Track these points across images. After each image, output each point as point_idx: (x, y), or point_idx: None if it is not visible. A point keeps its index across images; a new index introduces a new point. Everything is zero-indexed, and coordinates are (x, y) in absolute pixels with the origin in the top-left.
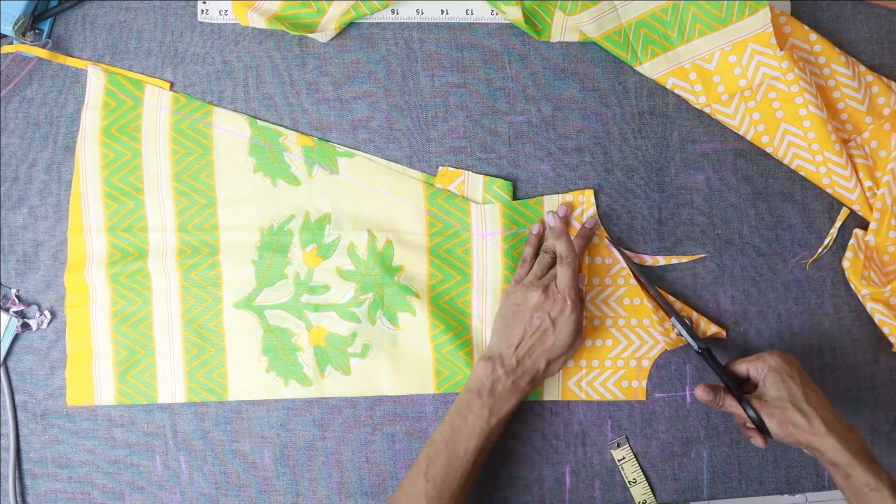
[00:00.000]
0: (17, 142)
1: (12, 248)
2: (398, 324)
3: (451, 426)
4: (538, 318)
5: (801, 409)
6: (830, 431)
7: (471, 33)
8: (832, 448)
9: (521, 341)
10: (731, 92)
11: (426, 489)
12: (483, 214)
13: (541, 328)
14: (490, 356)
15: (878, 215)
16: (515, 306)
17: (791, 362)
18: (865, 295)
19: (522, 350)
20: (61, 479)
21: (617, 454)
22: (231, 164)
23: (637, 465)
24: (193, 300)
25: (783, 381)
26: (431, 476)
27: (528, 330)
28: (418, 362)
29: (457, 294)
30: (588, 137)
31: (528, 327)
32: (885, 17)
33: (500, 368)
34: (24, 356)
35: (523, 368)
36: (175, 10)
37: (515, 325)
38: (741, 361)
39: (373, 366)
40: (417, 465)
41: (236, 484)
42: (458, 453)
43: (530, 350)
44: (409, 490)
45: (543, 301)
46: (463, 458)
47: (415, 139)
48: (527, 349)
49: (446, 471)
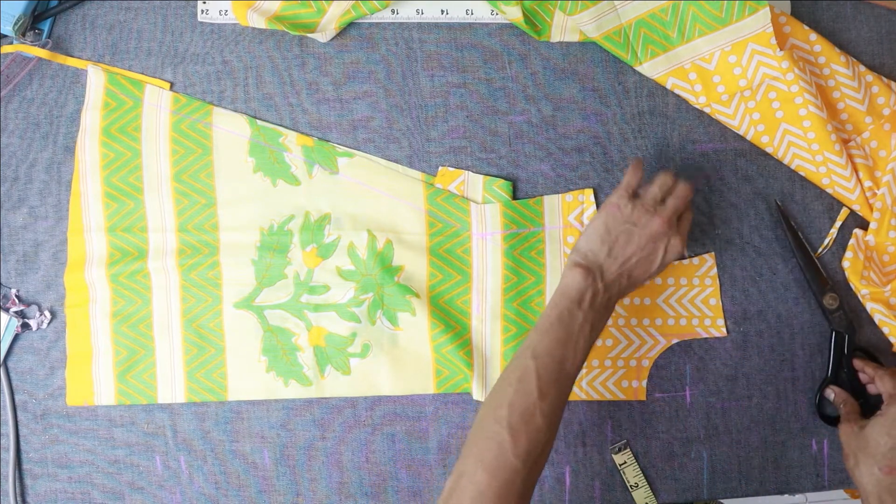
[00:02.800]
0: (17, 142)
1: (12, 248)
2: (398, 324)
3: (556, 338)
4: (653, 246)
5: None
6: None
7: (471, 33)
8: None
9: (629, 260)
10: (731, 92)
11: (542, 407)
12: (483, 214)
13: (651, 256)
14: (588, 265)
15: (878, 215)
16: (630, 225)
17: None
18: (865, 295)
19: (626, 268)
20: (61, 479)
21: (618, 458)
22: (231, 164)
23: (638, 470)
24: (193, 300)
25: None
26: (545, 392)
27: (639, 253)
28: (418, 362)
29: (457, 294)
30: (588, 137)
31: (640, 250)
32: (885, 17)
33: (599, 281)
34: (24, 356)
35: (620, 287)
36: (175, 10)
37: (628, 243)
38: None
39: (373, 366)
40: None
41: (236, 484)
42: (567, 371)
43: (632, 271)
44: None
45: (665, 231)
46: (570, 377)
47: (415, 139)
48: (630, 269)
49: (559, 388)
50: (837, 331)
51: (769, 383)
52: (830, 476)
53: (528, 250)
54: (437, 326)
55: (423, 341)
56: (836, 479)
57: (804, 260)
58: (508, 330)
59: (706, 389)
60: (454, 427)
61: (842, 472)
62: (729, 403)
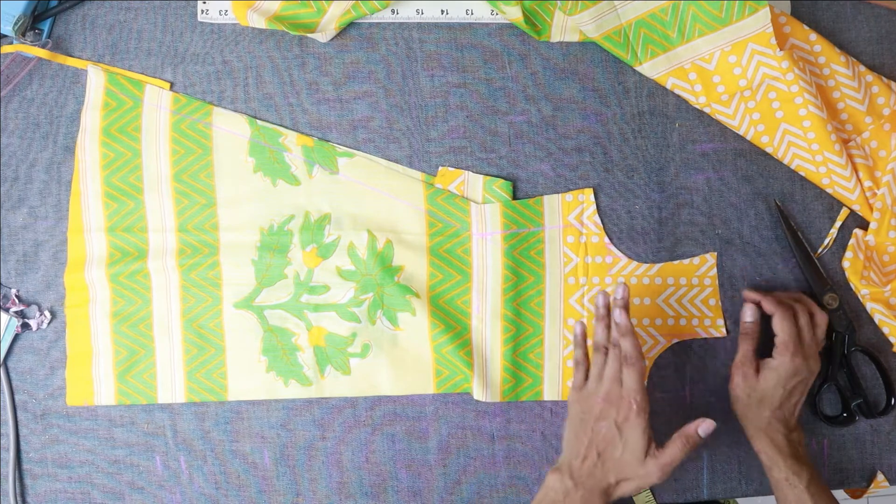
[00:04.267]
0: (17, 142)
1: (12, 248)
2: (398, 324)
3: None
4: (604, 426)
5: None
6: (765, 429)
7: (471, 33)
8: (760, 443)
9: (588, 451)
10: (731, 92)
11: None
12: (483, 214)
13: (606, 437)
14: (559, 467)
15: (878, 215)
16: (581, 415)
17: (797, 374)
18: (865, 295)
19: (591, 461)
20: (61, 479)
21: None
22: (231, 164)
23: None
24: (193, 300)
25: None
26: None
27: (594, 439)
28: (418, 362)
29: (457, 294)
30: (588, 137)
31: (594, 437)
32: (885, 17)
33: (569, 480)
34: (24, 356)
35: (593, 481)
36: (175, 10)
37: (583, 434)
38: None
39: (373, 366)
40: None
41: (236, 484)
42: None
43: (598, 461)
44: None
45: (608, 408)
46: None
47: (415, 139)
48: (594, 460)
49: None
50: (837, 331)
51: None
52: (830, 476)
53: (527, 250)
54: (437, 326)
55: (423, 341)
56: (836, 479)
57: (804, 260)
58: (508, 330)
59: (706, 389)
60: (454, 427)
61: (842, 472)
62: (729, 403)
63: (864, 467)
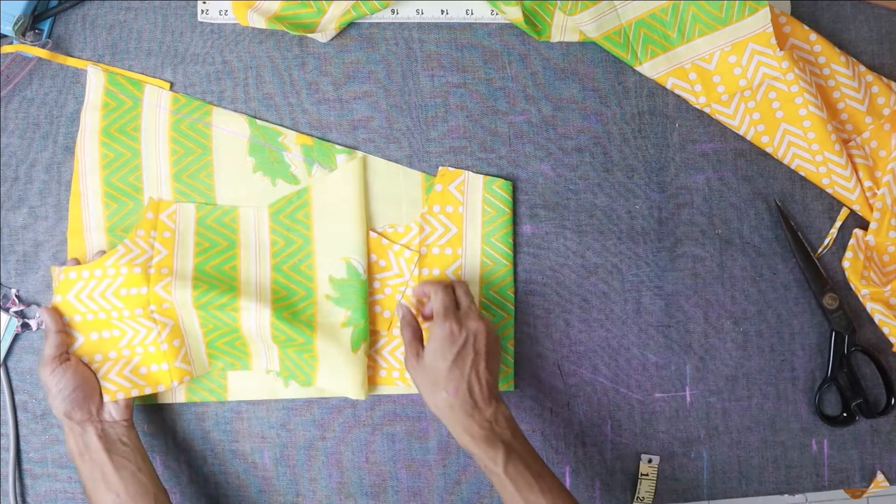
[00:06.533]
0: (17, 142)
1: (12, 248)
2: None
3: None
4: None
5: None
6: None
7: (471, 33)
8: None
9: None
10: (731, 92)
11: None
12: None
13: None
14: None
15: (878, 215)
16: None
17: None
18: (865, 295)
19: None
20: (61, 479)
21: (643, 468)
22: (231, 163)
23: (654, 487)
24: None
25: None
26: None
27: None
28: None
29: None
30: (588, 137)
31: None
32: (885, 17)
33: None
34: (24, 356)
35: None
36: (175, 10)
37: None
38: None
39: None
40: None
41: (236, 484)
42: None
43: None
44: None
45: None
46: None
47: (415, 139)
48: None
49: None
50: (837, 331)
51: (769, 383)
52: (830, 476)
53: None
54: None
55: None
56: (836, 479)
57: (804, 260)
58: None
59: (706, 389)
60: None
61: (842, 472)
62: (729, 403)
63: (864, 467)
